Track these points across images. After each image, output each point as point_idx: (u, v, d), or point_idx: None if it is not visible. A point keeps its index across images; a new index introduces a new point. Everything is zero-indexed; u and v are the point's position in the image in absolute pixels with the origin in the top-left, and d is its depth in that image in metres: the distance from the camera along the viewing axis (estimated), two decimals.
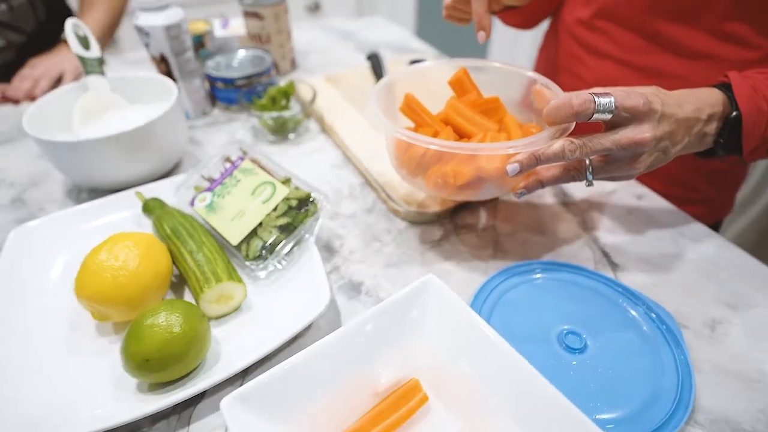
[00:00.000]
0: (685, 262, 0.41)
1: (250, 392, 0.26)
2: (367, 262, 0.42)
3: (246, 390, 0.26)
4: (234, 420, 0.24)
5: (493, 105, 0.43)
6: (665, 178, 0.52)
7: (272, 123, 0.56)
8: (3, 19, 0.68)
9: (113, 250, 0.34)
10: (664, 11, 0.46)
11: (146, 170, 0.48)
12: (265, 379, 0.26)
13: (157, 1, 0.53)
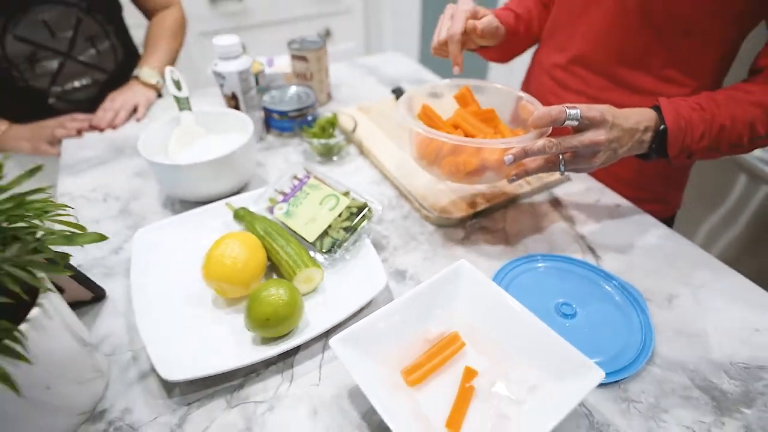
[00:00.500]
0: (649, 252, 0.54)
1: (347, 335, 0.38)
2: (408, 255, 0.54)
3: (345, 333, 0.38)
4: (340, 350, 0.37)
5: (489, 115, 0.57)
6: (630, 183, 0.66)
7: (321, 148, 0.69)
8: (91, 61, 0.82)
9: (229, 245, 0.47)
10: (623, 61, 0.60)
11: (228, 186, 0.61)
12: (355, 328, 0.39)
13: (233, 52, 0.66)
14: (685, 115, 0.49)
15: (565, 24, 0.64)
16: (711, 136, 0.49)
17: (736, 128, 0.49)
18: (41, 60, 0.77)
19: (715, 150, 0.51)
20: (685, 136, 0.49)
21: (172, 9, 0.94)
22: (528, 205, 0.62)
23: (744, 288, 0.50)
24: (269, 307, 0.42)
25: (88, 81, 0.83)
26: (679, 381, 0.41)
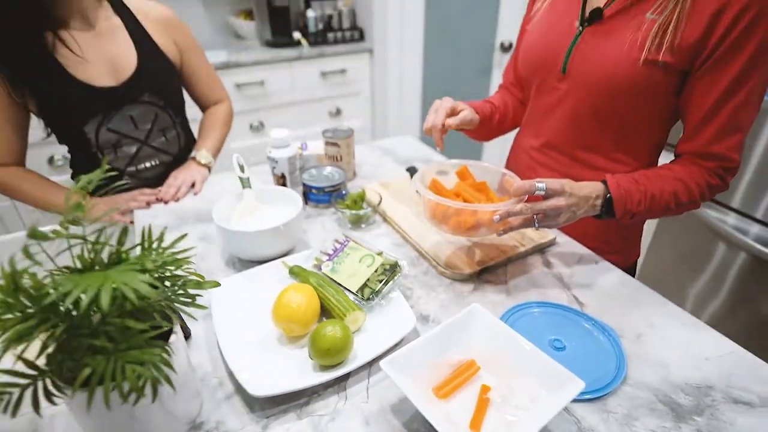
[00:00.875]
0: (621, 298, 0.68)
1: (392, 359, 0.51)
2: (430, 303, 0.68)
3: (390, 358, 0.51)
4: (389, 370, 0.49)
5: (482, 186, 0.74)
6: (595, 238, 0.81)
7: (352, 217, 0.84)
8: (161, 146, 1.00)
9: (293, 294, 0.60)
10: (581, 147, 0.78)
11: (280, 249, 0.76)
12: (396, 355, 0.52)
13: (284, 142, 0.84)
14: (625, 186, 0.66)
15: (538, 118, 0.83)
16: (646, 202, 0.66)
17: (664, 197, 0.66)
18: (123, 146, 0.95)
19: (651, 212, 0.68)
20: (626, 202, 0.65)
21: (223, 103, 1.14)
22: (524, 263, 0.76)
23: (696, 327, 0.63)
24: (329, 340, 0.55)
25: (157, 162, 1.00)
26: (646, 397, 0.53)
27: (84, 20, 0.87)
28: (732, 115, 0.63)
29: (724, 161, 0.67)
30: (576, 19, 0.71)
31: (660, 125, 0.73)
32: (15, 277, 0.38)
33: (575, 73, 0.71)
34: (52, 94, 0.85)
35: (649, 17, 0.63)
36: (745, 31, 0.58)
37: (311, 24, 2.32)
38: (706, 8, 0.59)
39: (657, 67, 0.63)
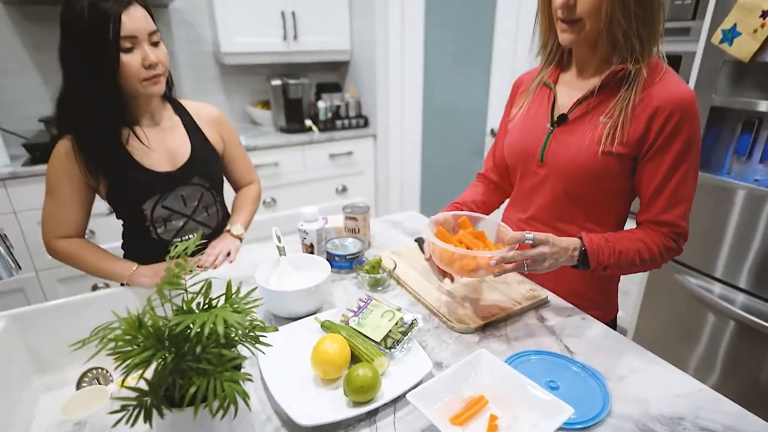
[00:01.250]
0: (605, 347, 0.79)
1: (418, 393, 0.62)
2: (442, 352, 0.79)
3: (416, 391, 0.62)
4: (416, 401, 0.60)
5: (481, 235, 0.88)
6: (578, 294, 0.94)
7: (371, 280, 0.98)
8: (203, 220, 1.15)
9: (328, 342, 0.72)
10: (560, 220, 0.93)
11: (311, 307, 0.88)
12: (419, 390, 0.63)
13: (314, 217, 1.00)
14: (597, 242, 0.81)
15: (524, 197, 0.99)
16: (614, 256, 0.81)
17: (630, 254, 0.81)
18: (172, 220, 1.10)
19: (620, 266, 0.82)
20: (598, 254, 0.80)
21: (254, 184, 1.32)
22: (521, 319, 0.89)
23: (669, 369, 0.75)
24: (362, 380, 0.66)
25: None
26: (629, 427, 0.64)
27: (151, 119, 1.07)
28: (674, 190, 0.80)
29: (674, 227, 0.83)
30: (547, 122, 0.90)
31: (621, 201, 0.89)
32: (140, 318, 0.51)
33: (550, 162, 0.89)
34: (121, 178, 1.02)
35: (602, 120, 0.82)
36: (673, 130, 0.77)
37: (321, 113, 2.60)
38: (643, 113, 0.79)
39: (612, 157, 0.81)
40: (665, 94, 0.78)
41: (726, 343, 1.54)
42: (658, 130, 0.78)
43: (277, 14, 2.41)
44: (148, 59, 0.94)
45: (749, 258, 1.43)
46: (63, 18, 0.91)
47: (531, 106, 0.95)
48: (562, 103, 0.89)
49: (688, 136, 0.78)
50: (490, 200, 1.10)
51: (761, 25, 1.28)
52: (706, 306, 1.57)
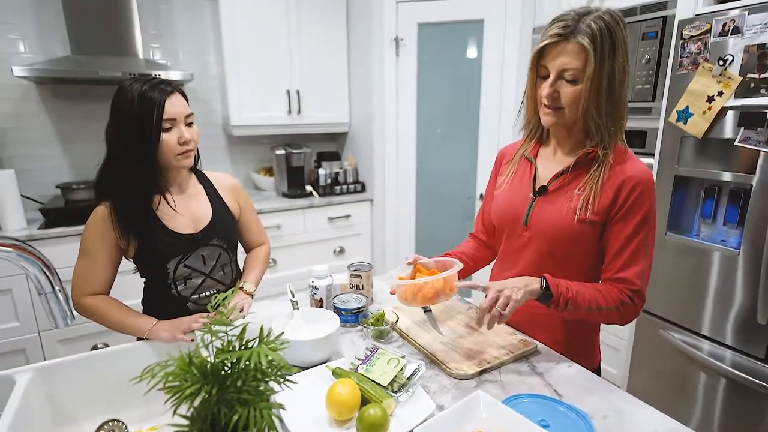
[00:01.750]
0: (589, 390, 0.88)
1: (425, 426, 0.70)
2: (442, 396, 0.87)
3: (423, 426, 0.70)
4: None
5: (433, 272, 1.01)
6: (562, 344, 1.02)
7: (376, 332, 1.06)
8: (219, 278, 1.25)
9: (342, 386, 0.80)
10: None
11: (322, 356, 0.96)
12: (426, 425, 0.70)
13: (324, 274, 1.10)
14: (555, 279, 0.92)
15: (510, 256, 1.10)
16: (572, 291, 0.91)
17: (586, 297, 0.92)
18: (192, 278, 1.20)
19: (576, 305, 0.92)
20: (558, 284, 0.91)
21: (264, 245, 1.44)
22: (514, 366, 0.97)
23: (647, 409, 0.83)
24: (373, 418, 0.73)
25: (215, 291, 1.24)
26: None
27: (179, 187, 1.20)
28: (634, 252, 0.93)
29: (629, 284, 0.93)
30: (530, 191, 1.04)
31: (594, 260, 1.01)
32: (190, 356, 0.60)
33: (534, 226, 1.02)
34: (150, 240, 1.13)
35: (577, 193, 0.96)
36: (637, 200, 0.92)
37: (321, 179, 2.78)
38: (611, 187, 0.93)
39: (586, 224, 0.95)
40: (630, 171, 0.93)
41: (720, 400, 1.59)
42: (624, 199, 0.92)
43: (282, 92, 2.66)
44: (183, 137, 1.10)
45: (731, 315, 1.53)
46: (115, 103, 1.07)
47: (515, 177, 1.10)
48: (542, 175, 1.04)
49: (648, 207, 0.92)
50: (480, 255, 1.22)
51: (708, 107, 1.49)
52: (695, 363, 1.63)
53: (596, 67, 0.87)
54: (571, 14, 0.90)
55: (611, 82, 0.89)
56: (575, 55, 0.88)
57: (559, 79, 0.92)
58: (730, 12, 1.42)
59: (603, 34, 0.87)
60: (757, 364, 1.46)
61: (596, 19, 0.87)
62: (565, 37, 0.88)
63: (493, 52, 2.38)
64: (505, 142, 2.45)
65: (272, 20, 2.55)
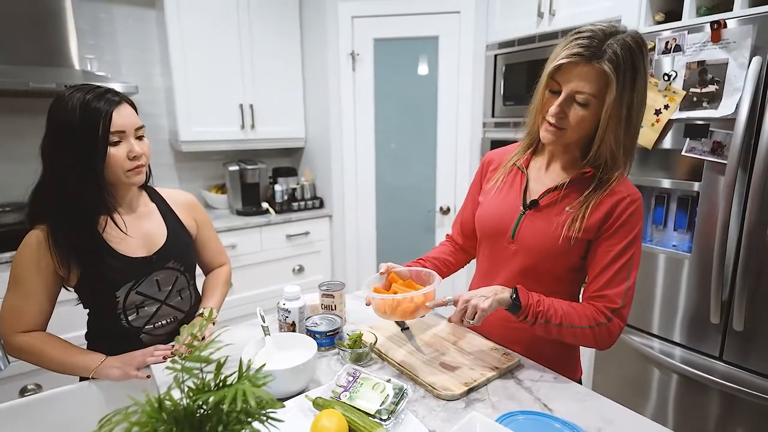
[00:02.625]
0: (578, 402, 0.86)
1: None
2: (432, 420, 0.82)
3: None
4: None
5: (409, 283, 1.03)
6: (549, 359, 1.01)
7: (354, 355, 1.00)
8: (176, 305, 1.13)
9: (326, 418, 0.73)
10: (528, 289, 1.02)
11: (300, 386, 0.88)
12: None
13: (296, 295, 1.03)
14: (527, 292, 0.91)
15: (493, 268, 1.08)
16: (544, 308, 0.90)
17: (558, 313, 0.91)
18: (145, 306, 1.08)
19: (548, 321, 0.90)
20: (529, 297, 0.90)
21: (225, 266, 1.34)
22: (501, 383, 0.94)
23: (636, 418, 0.83)
24: None
25: (171, 319, 1.13)
26: None
27: (129, 206, 1.09)
28: (618, 271, 0.91)
29: (610, 302, 0.92)
30: (520, 204, 1.02)
31: (577, 276, 1.01)
32: (161, 400, 0.52)
33: (521, 240, 1.00)
34: (96, 266, 1.00)
35: (567, 210, 0.95)
36: (629, 219, 0.91)
37: (278, 195, 2.68)
38: (603, 207, 0.92)
39: (573, 241, 0.94)
40: (625, 190, 0.93)
41: (673, 395, 1.66)
42: (617, 216, 0.91)
43: (235, 106, 2.56)
44: (134, 151, 0.99)
45: (678, 315, 1.61)
46: (53, 114, 0.95)
47: (504, 186, 1.07)
48: (534, 189, 1.02)
49: (639, 227, 0.92)
50: (456, 260, 1.21)
51: (656, 120, 1.57)
52: (650, 361, 1.70)
53: (617, 96, 0.83)
54: (596, 31, 0.83)
55: (630, 112, 0.86)
56: (594, 79, 0.83)
57: (569, 100, 0.87)
58: (663, 33, 1.52)
59: (627, 61, 0.81)
60: (707, 361, 1.53)
61: (622, 44, 0.81)
62: (588, 59, 0.82)
63: (449, 68, 2.42)
64: (463, 155, 2.48)
65: (223, 32, 2.45)
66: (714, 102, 1.42)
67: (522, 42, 2.17)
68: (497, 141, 2.35)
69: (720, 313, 1.48)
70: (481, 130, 2.43)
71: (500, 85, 2.30)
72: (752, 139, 1.35)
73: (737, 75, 1.36)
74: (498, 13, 2.27)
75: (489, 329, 1.10)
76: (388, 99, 2.56)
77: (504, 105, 2.31)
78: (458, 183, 2.53)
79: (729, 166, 1.37)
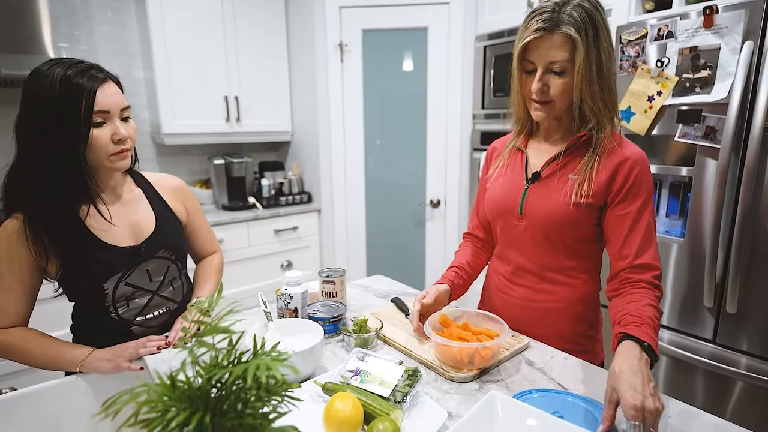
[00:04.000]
0: (592, 379, 0.85)
1: None
2: (448, 402, 0.79)
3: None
4: None
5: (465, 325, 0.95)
6: (567, 340, 0.99)
7: (360, 340, 0.96)
8: (169, 295, 1.08)
9: (340, 401, 0.70)
10: (544, 266, 1.01)
11: (307, 372, 0.84)
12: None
13: (297, 280, 0.99)
14: (647, 332, 0.78)
15: (507, 249, 1.07)
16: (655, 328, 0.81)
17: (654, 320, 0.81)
18: (136, 298, 1.02)
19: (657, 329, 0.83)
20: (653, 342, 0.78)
21: (217, 254, 1.28)
22: (512, 364, 0.92)
23: None
24: None
25: (164, 310, 1.07)
26: None
27: (113, 193, 1.02)
28: (644, 233, 0.90)
29: (652, 270, 0.89)
30: (523, 179, 1.01)
31: (592, 247, 1.00)
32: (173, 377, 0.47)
33: (529, 213, 0.99)
34: (80, 257, 0.94)
35: (572, 177, 0.95)
36: (636, 180, 0.90)
37: (265, 190, 2.62)
38: (607, 169, 0.92)
39: (582, 207, 0.93)
40: (626, 152, 0.92)
41: (662, 379, 1.68)
42: (623, 180, 0.91)
43: (220, 99, 2.49)
44: (119, 134, 0.93)
45: (668, 297, 1.62)
46: (29, 90, 0.88)
47: (507, 168, 1.06)
48: (534, 163, 1.02)
49: (649, 186, 0.92)
50: (478, 260, 1.17)
51: (649, 107, 1.59)
52: None
53: (585, 55, 0.86)
54: (550, 5, 0.88)
55: (600, 68, 0.88)
56: (562, 46, 0.87)
57: (547, 73, 0.90)
58: (655, 20, 1.53)
59: (586, 21, 0.86)
60: (699, 344, 1.55)
61: (576, 8, 0.86)
62: (549, 30, 0.87)
63: (438, 60, 2.41)
64: (454, 147, 2.47)
65: (206, 22, 2.38)
66: (707, 87, 1.44)
67: (511, 33, 2.17)
68: (487, 132, 2.35)
69: (713, 296, 1.50)
70: (471, 122, 2.42)
71: (490, 76, 2.30)
72: (744, 123, 1.37)
73: (729, 60, 1.38)
74: (487, 4, 2.27)
75: (509, 311, 1.07)
76: (378, 91, 2.53)
77: (494, 97, 2.31)
78: (448, 175, 2.52)
79: (722, 151, 1.38)
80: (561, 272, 1.00)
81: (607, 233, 0.96)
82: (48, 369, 0.94)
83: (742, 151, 1.38)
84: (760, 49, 1.32)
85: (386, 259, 2.74)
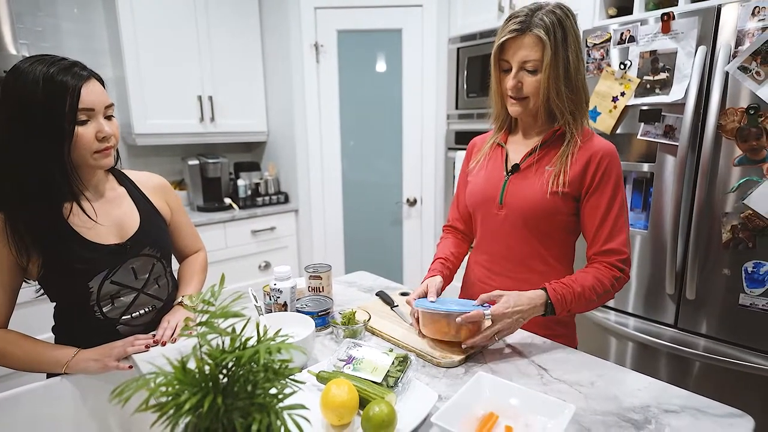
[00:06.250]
0: (572, 362, 0.91)
1: (440, 415, 0.65)
2: (438, 385, 0.83)
3: (438, 414, 0.65)
4: (440, 421, 0.63)
5: None
6: (543, 326, 1.05)
7: (349, 332, 0.99)
8: (154, 293, 1.07)
9: (336, 387, 0.72)
10: (523, 255, 1.06)
11: (300, 363, 0.87)
12: (441, 413, 0.66)
13: (287, 275, 1.00)
14: (560, 291, 0.93)
15: (487, 239, 1.12)
16: (574, 298, 0.93)
17: (586, 293, 0.95)
18: (121, 296, 1.01)
19: (580, 305, 0.95)
20: (563, 303, 0.93)
21: (201, 252, 1.28)
22: (496, 350, 0.97)
23: (627, 373, 0.88)
24: (381, 416, 0.67)
25: (150, 308, 1.06)
26: (612, 419, 0.74)
27: (95, 191, 1.01)
28: (615, 221, 0.98)
29: (618, 254, 0.98)
30: (503, 171, 1.07)
31: (568, 237, 1.07)
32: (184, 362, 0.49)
33: (509, 203, 1.04)
34: (62, 255, 0.92)
35: (548, 168, 1.01)
36: (605, 172, 0.98)
37: (241, 191, 2.60)
38: (579, 161, 0.99)
39: (558, 196, 0.99)
40: (596, 146, 1.00)
41: (629, 363, 1.78)
42: (593, 172, 0.98)
43: (193, 98, 2.46)
44: (103, 131, 0.93)
45: (633, 286, 1.72)
46: (8, 88, 0.87)
47: (488, 161, 1.12)
48: (513, 158, 1.08)
49: (617, 176, 0.99)
50: (460, 251, 1.23)
51: (614, 106, 1.68)
52: (607, 331, 1.81)
53: (553, 56, 0.94)
54: (525, 10, 0.97)
55: (567, 69, 0.96)
56: (533, 46, 0.95)
57: (520, 71, 0.98)
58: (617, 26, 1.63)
59: (555, 25, 0.94)
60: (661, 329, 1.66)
61: (548, 13, 0.95)
62: (522, 31, 0.95)
63: (413, 61, 2.46)
64: (429, 146, 2.53)
65: (179, 20, 2.35)
66: (665, 88, 1.54)
67: (483, 35, 2.25)
68: (461, 132, 2.41)
69: (674, 283, 1.60)
70: (446, 122, 2.48)
71: (463, 77, 2.37)
72: (700, 122, 1.47)
73: (685, 63, 1.48)
74: (460, 7, 2.34)
75: None
76: (354, 91, 2.56)
77: (467, 97, 2.37)
78: (424, 174, 2.57)
79: (680, 147, 1.49)
80: (539, 260, 1.06)
81: (582, 223, 1.03)
82: (31, 371, 0.93)
83: (698, 147, 1.49)
84: (712, 54, 1.43)
85: (364, 257, 2.77)
